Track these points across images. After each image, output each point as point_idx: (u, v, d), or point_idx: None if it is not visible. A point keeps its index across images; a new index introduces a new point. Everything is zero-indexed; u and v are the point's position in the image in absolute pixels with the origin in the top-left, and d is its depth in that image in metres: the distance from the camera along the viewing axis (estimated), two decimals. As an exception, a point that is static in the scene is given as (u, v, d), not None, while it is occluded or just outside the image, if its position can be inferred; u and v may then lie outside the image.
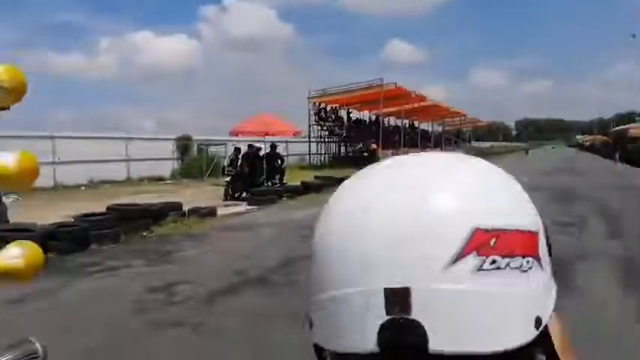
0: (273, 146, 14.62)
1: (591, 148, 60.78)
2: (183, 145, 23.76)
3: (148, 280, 5.06)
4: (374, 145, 27.88)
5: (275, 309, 4.11)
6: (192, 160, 23.13)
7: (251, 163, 13.53)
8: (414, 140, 37.24)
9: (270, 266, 5.50)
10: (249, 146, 13.99)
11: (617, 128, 50.57)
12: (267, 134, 13.11)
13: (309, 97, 31.06)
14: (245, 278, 5.04)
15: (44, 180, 17.53)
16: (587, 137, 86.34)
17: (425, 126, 45.18)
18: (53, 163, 18.23)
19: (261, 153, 13.88)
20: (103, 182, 19.19)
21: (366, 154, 29.26)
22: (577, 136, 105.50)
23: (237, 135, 13.66)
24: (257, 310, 4.08)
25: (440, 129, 48.65)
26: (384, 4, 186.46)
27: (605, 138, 62.06)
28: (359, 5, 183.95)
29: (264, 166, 13.59)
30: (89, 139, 20.19)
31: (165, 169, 22.81)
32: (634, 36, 41.40)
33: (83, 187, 18.13)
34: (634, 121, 52.91)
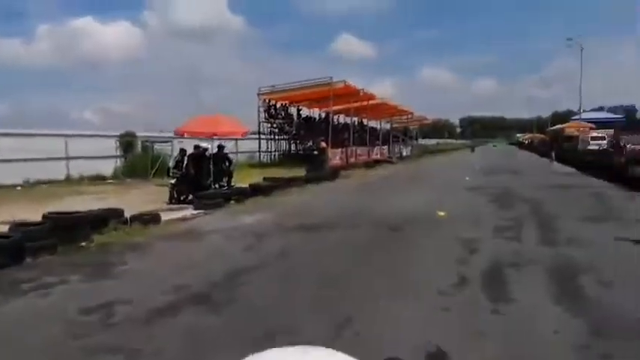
0: (221, 147, 14.37)
1: (530, 146, 63.79)
2: (127, 142, 22.87)
3: (84, 299, 4.86)
4: (323, 144, 27.95)
5: (218, 330, 4.07)
6: (137, 159, 22.28)
7: (197, 165, 13.22)
8: (363, 138, 37.73)
9: (214, 280, 5.42)
10: (196, 147, 13.67)
11: (553, 127, 53.36)
12: (214, 134, 12.85)
13: (258, 94, 30.80)
14: (187, 294, 4.93)
15: (-27, 181, 16.44)
16: (527, 135, 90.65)
17: (374, 123, 45.84)
18: (-19, 161, 17.13)
19: (208, 154, 13.61)
20: (41, 182, 18.22)
21: (315, 152, 29.39)
22: (517, 134, 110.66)
23: (182, 135, 13.29)
24: (199, 331, 4.01)
25: (388, 126, 49.50)
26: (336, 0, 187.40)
27: (542, 136, 65.39)
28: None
29: (212, 167, 13.33)
30: (26, 137, 19.11)
31: (108, 167, 21.90)
32: (570, 39, 44.29)
33: (19, 187, 17.13)
34: (569, 120, 56.11)
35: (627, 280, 5.10)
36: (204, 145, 13.68)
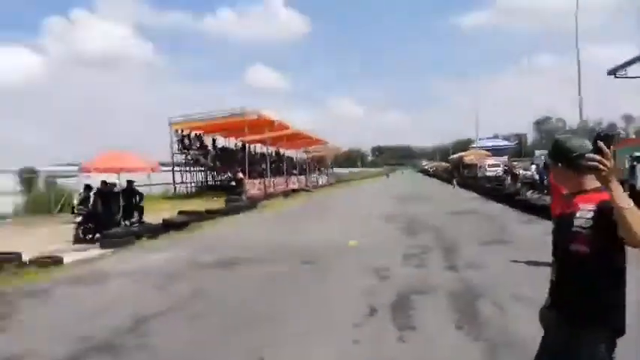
0: (130, 182, 13.82)
1: (436, 174, 67.85)
2: (27, 178, 21.26)
3: (-29, 359, 4.45)
4: (241, 175, 27.78)
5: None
6: (39, 195, 20.75)
7: (105, 201, 12.61)
8: (280, 168, 38.01)
9: (120, 327, 5.18)
10: (103, 182, 13.04)
11: (454, 155, 57.24)
12: (121, 170, 12.35)
13: (170, 123, 30.04)
14: (90, 345, 4.67)
15: None
16: (432, 163, 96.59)
17: (290, 153, 46.40)
18: None
19: (117, 189, 13.03)
20: None
21: (233, 183, 29.08)
22: (423, 162, 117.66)
23: (88, 172, 12.63)
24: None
25: (304, 156, 50.32)
26: (249, 30, 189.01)
27: (446, 164, 69.95)
28: (224, 29, 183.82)
29: (121, 203, 12.75)
30: None
31: (6, 205, 20.06)
32: (464, 74, 48.90)
33: None
34: (469, 148, 60.52)
35: (519, 302, 5.60)
36: (112, 180, 13.09)
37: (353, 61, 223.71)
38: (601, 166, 1.74)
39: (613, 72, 21.20)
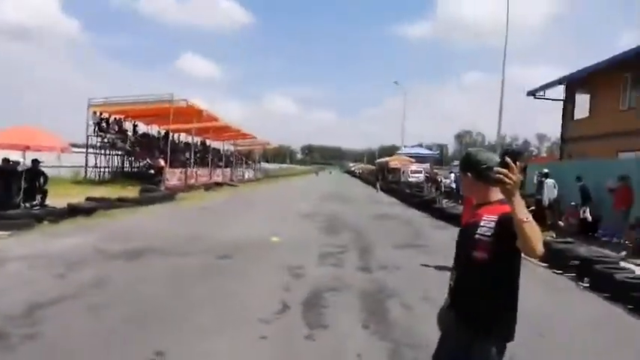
0: (36, 161, 12.73)
1: (361, 176, 69.50)
2: None
3: None
4: (162, 162, 26.66)
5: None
6: None
7: (5, 181, 11.54)
8: (205, 159, 36.99)
9: (11, 314, 4.71)
10: (4, 160, 11.92)
11: (380, 160, 58.88)
12: (27, 148, 11.37)
13: (89, 105, 28.19)
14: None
15: None
16: (359, 165, 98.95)
17: (217, 145, 45.33)
18: None
19: (20, 169, 11.96)
20: None
21: (152, 171, 27.82)
22: (350, 164, 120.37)
23: (-11, 147, 11.52)
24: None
25: (232, 148, 49.41)
26: (183, 15, 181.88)
27: (372, 167, 71.89)
28: (157, 11, 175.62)
29: (22, 184, 11.71)
30: None
31: None
32: (396, 82, 50.71)
33: None
34: (394, 154, 62.55)
35: (426, 303, 5.79)
36: (14, 158, 12.02)
37: (291, 58, 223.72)
38: (506, 180, 1.83)
39: (533, 93, 22.85)
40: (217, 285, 6.46)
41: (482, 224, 2.08)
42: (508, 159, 1.87)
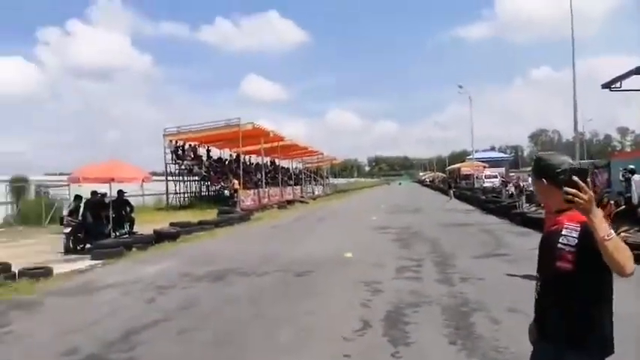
0: (121, 192, 13.66)
1: (432, 184, 67.99)
2: (19, 187, 21.04)
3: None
4: (236, 184, 27.68)
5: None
6: (29, 205, 20.54)
7: (95, 212, 12.47)
8: (275, 178, 37.91)
9: (109, 340, 5.04)
10: (93, 193, 12.90)
11: (451, 166, 57.42)
12: (112, 180, 12.22)
13: (164, 135, 29.96)
14: (79, 357, 4.54)
15: None
16: (429, 174, 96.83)
17: (285, 164, 46.33)
18: None
19: (107, 200, 12.87)
20: None
21: (227, 193, 28.94)
22: (420, 173, 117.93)
23: (78, 181, 12.49)
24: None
25: (300, 166, 50.29)
26: (244, 41, 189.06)
27: (442, 175, 70.16)
28: (219, 39, 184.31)
29: (111, 214, 12.58)
30: None
31: (-2, 214, 19.92)
32: (461, 87, 49.07)
33: None
34: (465, 159, 60.75)
35: (514, 315, 5.50)
36: (102, 190, 12.96)
37: (349, 71, 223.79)
38: (578, 200, 1.73)
39: (607, 85, 21.28)
40: (296, 303, 6.53)
41: (564, 233, 1.94)
42: (575, 178, 1.75)
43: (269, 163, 41.30)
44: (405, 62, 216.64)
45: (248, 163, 38.86)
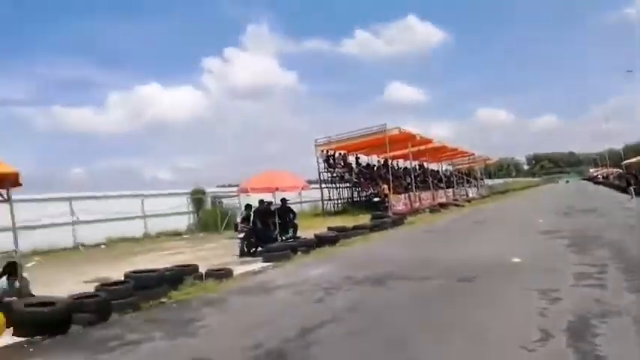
0: (284, 200, 14.77)
1: (605, 181, 60.16)
2: (198, 199, 24.19)
3: (168, 357, 5.13)
4: (385, 189, 27.96)
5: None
6: (207, 214, 23.51)
7: (263, 219, 13.68)
8: (425, 182, 37.28)
9: (287, 337, 5.49)
10: (260, 202, 14.18)
11: (631, 160, 50.10)
12: (276, 189, 13.29)
13: (316, 145, 31.65)
14: (264, 351, 5.03)
15: (65, 240, 17.90)
16: (600, 170, 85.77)
17: (434, 166, 45.30)
18: (73, 223, 18.63)
19: (273, 207, 14.03)
20: (122, 239, 19.50)
21: (378, 198, 29.36)
22: (590, 169, 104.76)
23: (246, 192, 13.87)
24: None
25: (450, 168, 48.69)
26: (383, 49, 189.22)
27: (619, 170, 61.55)
28: (360, 49, 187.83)
29: (277, 220, 13.70)
30: (105, 198, 20.65)
31: (181, 223, 23.16)
32: (630, 71, 42.93)
33: (103, 246, 18.41)
34: (646, 152, 52.48)
35: None
36: (268, 199, 14.16)
37: (495, 67, 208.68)
38: None
39: None
40: (463, 310, 6.33)
41: None
42: None
43: (417, 167, 40.78)
44: (555, 53, 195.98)
45: (396, 168, 38.90)
